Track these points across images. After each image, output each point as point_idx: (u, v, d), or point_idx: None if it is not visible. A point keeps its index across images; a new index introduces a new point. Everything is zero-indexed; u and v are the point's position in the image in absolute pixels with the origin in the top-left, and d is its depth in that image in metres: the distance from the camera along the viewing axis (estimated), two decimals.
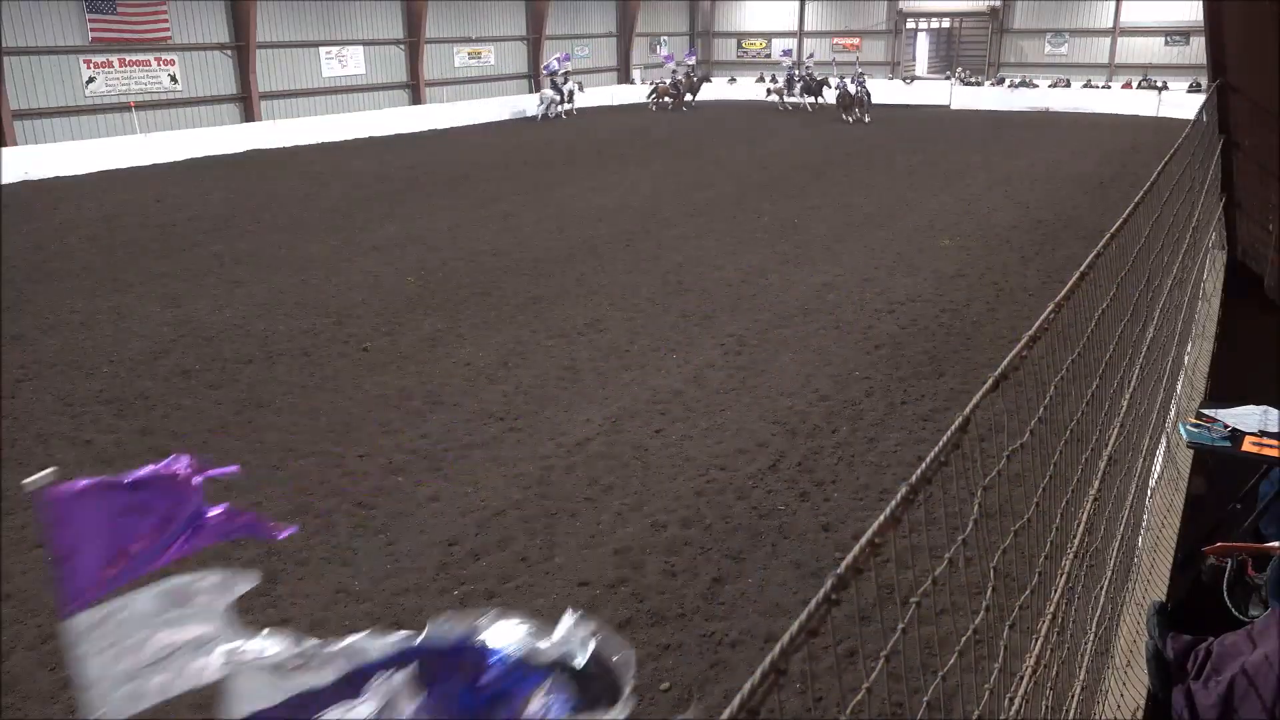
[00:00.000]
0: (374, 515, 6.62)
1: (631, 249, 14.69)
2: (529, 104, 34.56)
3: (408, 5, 34.21)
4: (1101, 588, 2.84)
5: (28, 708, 4.76)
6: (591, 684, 1.71)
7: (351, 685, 1.83)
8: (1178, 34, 39.27)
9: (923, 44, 48.35)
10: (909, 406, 8.43)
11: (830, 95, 33.87)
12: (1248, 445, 4.03)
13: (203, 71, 28.39)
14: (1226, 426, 4.13)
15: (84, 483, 1.79)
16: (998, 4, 43.20)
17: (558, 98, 33.46)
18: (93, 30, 25.29)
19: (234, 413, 8.48)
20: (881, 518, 1.23)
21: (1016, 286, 12.20)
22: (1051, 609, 2.23)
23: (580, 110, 34.63)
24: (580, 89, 35.09)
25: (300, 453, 7.64)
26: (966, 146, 26.08)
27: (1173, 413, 4.50)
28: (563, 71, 34.62)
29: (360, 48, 32.96)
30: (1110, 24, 41.14)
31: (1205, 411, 4.32)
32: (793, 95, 35.46)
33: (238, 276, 13.31)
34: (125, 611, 1.82)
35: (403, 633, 1.83)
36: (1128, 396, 3.28)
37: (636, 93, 42.50)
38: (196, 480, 2.00)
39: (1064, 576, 2.34)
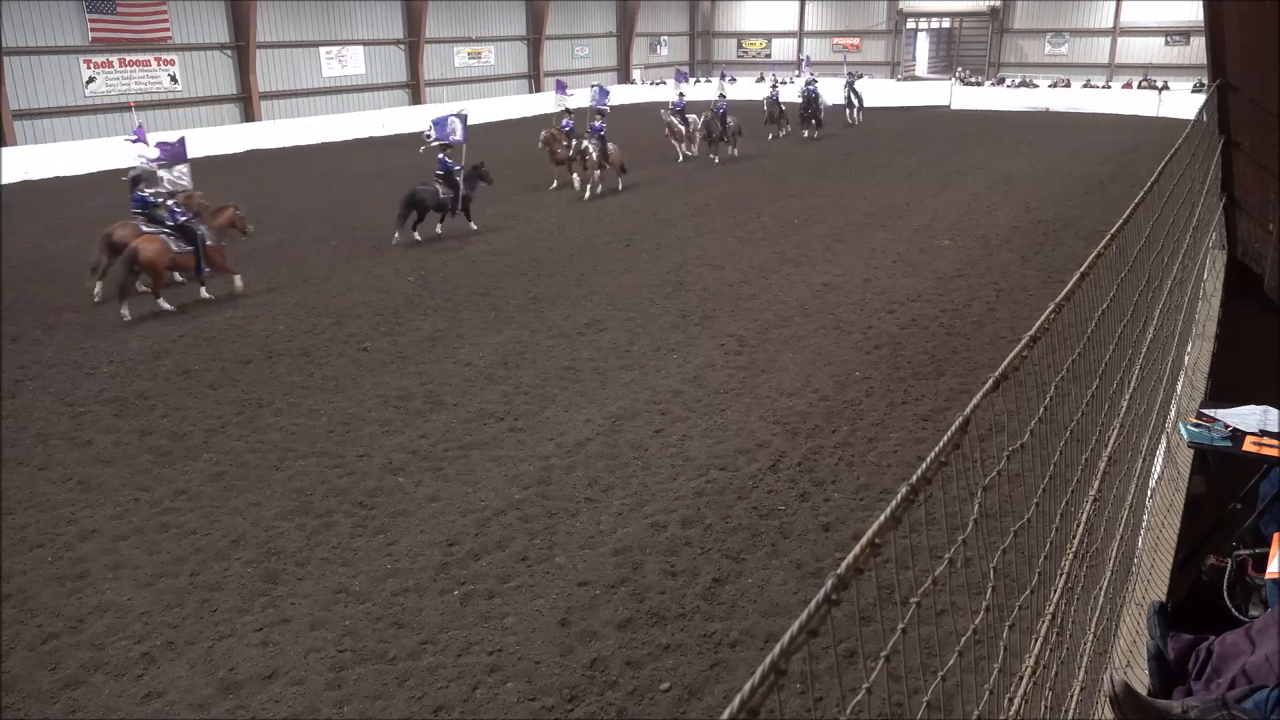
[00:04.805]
0: (374, 515, 6.62)
1: (631, 249, 14.68)
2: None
3: (408, 5, 34.25)
4: (1101, 588, 2.83)
5: (28, 708, 4.76)
6: None
7: None
8: (1178, 34, 39.37)
9: (923, 44, 48.45)
10: (909, 406, 8.43)
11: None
12: (1248, 445, 4.02)
13: (203, 71, 28.43)
14: (1227, 426, 4.12)
15: None
16: (998, 4, 43.27)
17: (855, 103, 31.63)
18: (93, 30, 25.32)
19: (234, 413, 8.48)
20: (881, 518, 1.23)
21: (1016, 286, 12.19)
22: (1051, 609, 2.23)
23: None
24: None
25: (300, 453, 7.64)
26: (966, 146, 26.08)
27: (1173, 413, 4.49)
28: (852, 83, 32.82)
29: (360, 48, 33.00)
30: (1110, 24, 41.26)
31: (1205, 411, 4.31)
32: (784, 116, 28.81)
33: None
34: None
35: None
36: (1128, 396, 3.27)
37: (636, 93, 42.53)
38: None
39: (1064, 576, 2.33)
